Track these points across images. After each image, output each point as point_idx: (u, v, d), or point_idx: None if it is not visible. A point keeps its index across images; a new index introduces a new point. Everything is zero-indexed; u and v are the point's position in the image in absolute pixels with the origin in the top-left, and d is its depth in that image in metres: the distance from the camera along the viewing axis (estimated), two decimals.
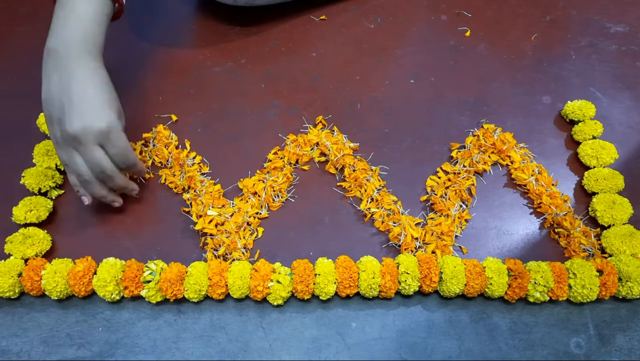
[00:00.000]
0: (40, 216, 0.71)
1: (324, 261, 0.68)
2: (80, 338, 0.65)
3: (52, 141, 0.67)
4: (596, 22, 1.00)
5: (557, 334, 0.67)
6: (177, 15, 1.01)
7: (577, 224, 0.74)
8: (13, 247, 0.68)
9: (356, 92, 0.90)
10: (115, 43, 0.95)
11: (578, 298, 0.67)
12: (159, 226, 0.74)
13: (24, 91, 0.86)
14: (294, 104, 0.88)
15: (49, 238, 0.71)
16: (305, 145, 0.81)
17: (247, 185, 0.77)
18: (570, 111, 0.85)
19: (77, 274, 0.65)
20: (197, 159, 0.80)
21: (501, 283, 0.66)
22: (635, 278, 0.66)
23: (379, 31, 0.98)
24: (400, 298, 0.69)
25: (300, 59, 0.94)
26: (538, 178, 0.79)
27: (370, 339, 0.66)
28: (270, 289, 0.66)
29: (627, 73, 0.93)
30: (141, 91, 0.88)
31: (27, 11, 0.99)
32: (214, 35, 0.97)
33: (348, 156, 0.79)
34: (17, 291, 0.66)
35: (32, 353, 0.64)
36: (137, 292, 0.66)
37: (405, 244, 0.72)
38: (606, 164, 0.79)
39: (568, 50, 0.96)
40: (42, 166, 0.75)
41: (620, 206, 0.74)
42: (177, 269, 0.66)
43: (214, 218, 0.72)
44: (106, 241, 0.73)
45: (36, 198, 0.73)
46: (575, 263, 0.68)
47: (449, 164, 0.80)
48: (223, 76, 0.91)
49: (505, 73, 0.93)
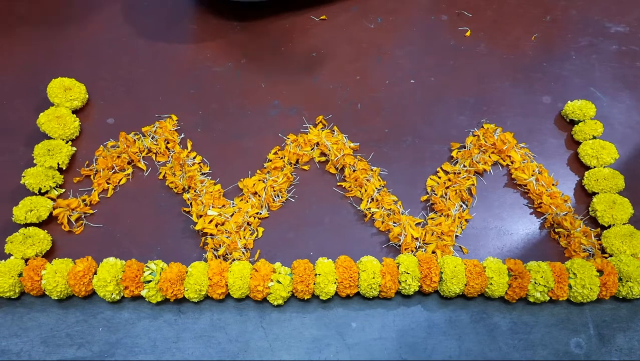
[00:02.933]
0: (40, 216, 0.71)
1: (324, 261, 0.68)
2: (80, 338, 0.65)
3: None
4: (596, 22, 1.00)
5: (557, 334, 0.67)
6: (177, 15, 1.01)
7: (577, 224, 0.74)
8: (13, 247, 0.68)
9: (356, 92, 0.90)
10: (116, 43, 0.95)
11: (578, 298, 0.67)
12: (159, 226, 0.74)
13: (24, 90, 0.87)
14: (294, 104, 0.88)
15: (49, 238, 0.71)
16: (306, 145, 0.81)
17: (247, 185, 0.77)
18: (570, 111, 0.85)
19: (77, 274, 0.65)
20: (198, 159, 0.80)
21: (501, 283, 0.66)
22: (635, 278, 0.66)
23: (379, 31, 0.98)
24: (400, 298, 0.69)
25: (300, 59, 0.94)
26: (538, 178, 0.79)
27: (370, 339, 0.66)
28: (270, 289, 0.66)
29: (627, 73, 0.93)
30: (141, 91, 0.88)
31: (27, 11, 0.99)
32: (214, 36, 0.97)
33: (348, 156, 0.79)
34: (17, 291, 0.66)
35: (32, 353, 0.64)
36: (137, 292, 0.66)
37: (406, 244, 0.72)
38: (606, 164, 0.79)
39: (568, 50, 0.96)
40: (44, 166, 0.75)
41: (620, 206, 0.74)
42: (177, 269, 0.66)
43: (214, 218, 0.72)
44: (106, 241, 0.73)
45: (36, 198, 0.73)
46: (576, 263, 0.68)
47: (449, 164, 0.80)
48: (223, 76, 0.91)
49: (505, 73, 0.93)
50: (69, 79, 0.84)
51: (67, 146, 0.78)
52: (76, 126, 0.81)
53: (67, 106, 0.82)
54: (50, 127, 0.78)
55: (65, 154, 0.77)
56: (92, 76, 0.90)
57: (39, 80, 0.87)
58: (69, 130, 0.80)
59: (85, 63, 0.92)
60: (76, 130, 0.81)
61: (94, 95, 0.87)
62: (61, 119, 0.79)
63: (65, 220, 0.73)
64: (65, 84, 0.83)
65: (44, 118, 0.79)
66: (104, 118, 0.85)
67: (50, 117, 0.79)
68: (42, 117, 0.79)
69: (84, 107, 0.86)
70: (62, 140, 0.79)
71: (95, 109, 0.86)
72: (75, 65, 0.91)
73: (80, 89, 0.84)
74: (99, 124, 0.84)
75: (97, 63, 0.92)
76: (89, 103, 0.86)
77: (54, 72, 0.87)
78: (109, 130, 0.83)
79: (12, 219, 0.71)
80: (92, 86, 0.88)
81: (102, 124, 0.84)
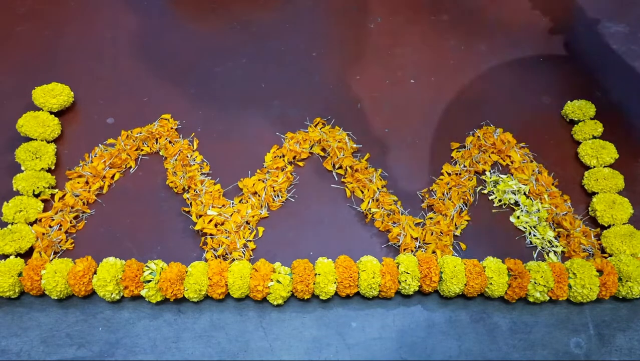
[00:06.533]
0: (28, 217, 0.71)
1: (324, 261, 0.68)
2: (80, 337, 0.65)
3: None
4: (596, 22, 1.00)
5: (557, 334, 0.67)
6: (177, 15, 1.01)
7: (577, 224, 0.74)
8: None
9: (356, 92, 0.90)
10: (116, 43, 0.95)
11: (578, 298, 0.67)
12: (159, 226, 0.74)
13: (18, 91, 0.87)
14: (294, 104, 0.88)
15: (31, 235, 0.70)
16: (304, 142, 0.81)
17: (247, 185, 0.77)
18: (570, 111, 0.85)
19: (77, 274, 0.65)
20: (198, 159, 0.80)
21: (501, 282, 0.66)
22: (635, 278, 0.66)
23: (379, 31, 0.99)
24: (400, 298, 0.69)
25: (300, 59, 0.94)
26: (538, 178, 0.79)
27: (370, 339, 0.66)
28: (270, 289, 0.66)
29: (627, 73, 0.93)
30: (141, 91, 0.88)
31: (26, 11, 0.99)
32: (214, 35, 0.97)
33: (349, 158, 0.79)
34: (17, 290, 0.66)
35: (32, 353, 0.64)
36: (137, 292, 0.66)
37: (405, 244, 0.72)
38: (606, 163, 0.79)
39: (568, 50, 0.96)
40: (35, 169, 0.75)
41: (620, 206, 0.74)
42: (177, 269, 0.66)
43: (214, 218, 0.72)
44: (106, 241, 0.73)
45: (27, 199, 0.72)
46: (575, 263, 0.68)
47: (450, 165, 0.80)
48: (223, 76, 0.91)
49: (505, 73, 0.93)
50: (53, 83, 0.83)
51: (51, 145, 0.78)
52: (56, 124, 0.81)
53: (54, 103, 0.82)
54: (30, 128, 0.78)
55: (52, 154, 0.77)
56: (92, 76, 0.90)
57: (37, 80, 0.87)
58: (50, 128, 0.79)
59: (86, 63, 0.92)
60: (57, 128, 0.81)
61: (94, 95, 0.87)
62: (39, 119, 0.79)
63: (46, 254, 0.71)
64: (49, 87, 0.82)
65: (23, 121, 0.78)
66: (104, 118, 0.85)
67: (28, 119, 0.79)
68: (22, 120, 0.79)
69: (84, 107, 0.86)
70: (44, 140, 0.79)
71: (95, 108, 0.86)
72: (75, 65, 0.91)
73: (64, 91, 0.83)
74: (98, 124, 0.84)
75: (97, 63, 0.92)
76: (89, 103, 0.86)
77: (55, 72, 0.88)
78: (109, 130, 0.83)
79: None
80: (93, 85, 0.88)
81: (102, 123, 0.84)
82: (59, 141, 0.82)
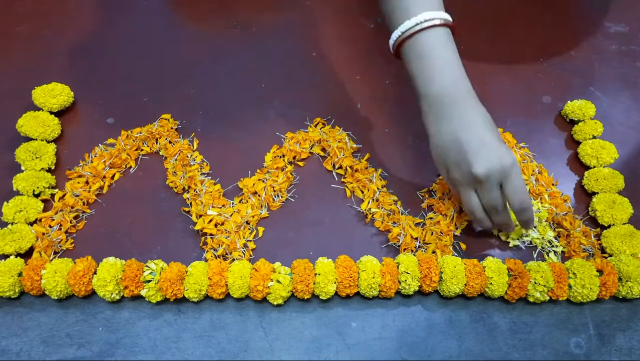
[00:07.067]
0: (28, 218, 0.71)
1: (324, 260, 0.68)
2: (80, 337, 0.65)
3: (448, 184, 0.69)
4: (596, 22, 1.00)
5: (557, 334, 0.67)
6: (177, 15, 1.01)
7: (577, 224, 0.74)
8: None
9: (356, 92, 0.90)
10: (116, 43, 0.95)
11: (578, 298, 0.67)
12: (159, 226, 0.74)
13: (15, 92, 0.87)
14: (294, 104, 0.88)
15: (31, 235, 0.70)
16: (304, 142, 0.81)
17: (247, 185, 0.77)
18: (570, 110, 0.85)
19: (77, 274, 0.65)
20: (198, 159, 0.80)
21: (501, 282, 0.66)
22: (635, 278, 0.66)
23: (379, 31, 0.98)
24: (400, 297, 0.69)
25: (300, 59, 0.94)
26: (538, 178, 0.79)
27: (370, 339, 0.66)
28: (270, 289, 0.66)
29: (627, 73, 0.93)
30: (141, 91, 0.88)
31: (26, 11, 0.99)
32: (214, 35, 0.97)
33: (349, 158, 0.79)
34: (17, 290, 0.66)
35: (32, 353, 0.64)
36: (137, 292, 0.66)
37: (405, 244, 0.72)
38: (606, 163, 0.80)
39: (568, 50, 0.96)
40: (35, 169, 0.75)
41: (620, 205, 0.74)
42: (177, 269, 0.66)
43: (214, 218, 0.72)
44: (106, 241, 0.73)
45: (27, 199, 0.72)
46: (575, 263, 0.68)
47: None
48: (223, 76, 0.91)
49: (505, 73, 0.93)
50: (53, 83, 0.83)
51: (51, 145, 0.78)
52: (56, 124, 0.81)
53: (54, 103, 0.81)
54: (30, 128, 0.78)
55: (52, 154, 0.77)
56: (92, 76, 0.90)
57: (37, 80, 0.87)
58: (50, 128, 0.79)
59: (86, 63, 0.92)
60: (57, 128, 0.81)
61: (94, 95, 0.87)
62: (39, 119, 0.79)
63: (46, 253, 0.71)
64: (49, 87, 0.82)
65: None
66: (104, 118, 0.85)
67: (28, 119, 0.79)
68: (22, 120, 0.79)
69: (84, 107, 0.86)
70: (44, 140, 0.79)
71: (95, 108, 0.86)
72: (75, 65, 0.91)
73: (64, 91, 0.83)
74: (98, 124, 0.84)
75: (98, 63, 0.92)
76: (89, 103, 0.86)
77: (55, 72, 0.88)
78: (109, 130, 0.83)
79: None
80: (93, 85, 0.88)
81: (102, 123, 0.84)
82: (59, 141, 0.82)
